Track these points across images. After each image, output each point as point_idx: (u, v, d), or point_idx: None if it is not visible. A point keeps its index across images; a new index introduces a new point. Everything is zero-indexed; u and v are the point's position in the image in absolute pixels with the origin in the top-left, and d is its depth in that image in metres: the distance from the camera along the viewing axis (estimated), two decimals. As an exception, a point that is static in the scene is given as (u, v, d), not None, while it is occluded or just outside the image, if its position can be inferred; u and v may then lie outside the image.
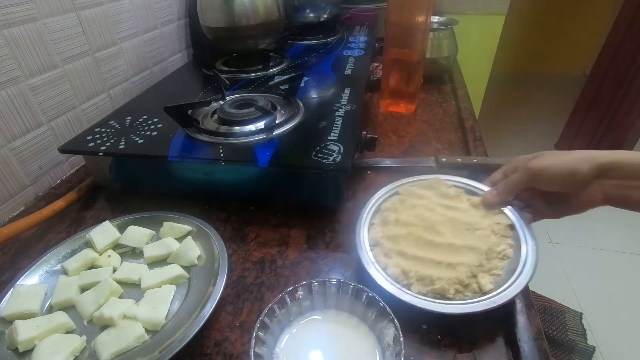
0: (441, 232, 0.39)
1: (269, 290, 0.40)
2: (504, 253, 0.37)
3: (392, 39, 0.67)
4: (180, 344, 0.31)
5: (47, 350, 0.32)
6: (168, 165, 0.51)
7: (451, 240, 0.38)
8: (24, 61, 0.53)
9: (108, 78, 0.70)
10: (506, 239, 0.38)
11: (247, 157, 0.47)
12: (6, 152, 0.52)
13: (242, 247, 0.45)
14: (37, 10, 0.54)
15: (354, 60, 0.77)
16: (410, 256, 0.37)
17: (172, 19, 0.87)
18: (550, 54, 2.89)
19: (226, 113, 0.55)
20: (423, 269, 0.36)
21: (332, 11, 0.97)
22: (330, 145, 0.48)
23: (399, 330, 0.29)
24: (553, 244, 1.59)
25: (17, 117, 0.53)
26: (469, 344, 0.34)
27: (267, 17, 0.73)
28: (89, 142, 0.52)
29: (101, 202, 0.54)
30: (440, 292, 0.34)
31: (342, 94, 0.62)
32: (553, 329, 0.94)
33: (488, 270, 0.36)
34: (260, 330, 0.30)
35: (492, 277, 0.35)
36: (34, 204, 0.55)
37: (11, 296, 0.37)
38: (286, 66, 0.78)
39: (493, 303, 0.32)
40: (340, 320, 0.34)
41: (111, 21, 0.69)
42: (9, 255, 0.46)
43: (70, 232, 0.49)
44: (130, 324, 0.34)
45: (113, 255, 0.43)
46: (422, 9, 0.62)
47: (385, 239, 0.39)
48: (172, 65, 0.89)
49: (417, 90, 0.72)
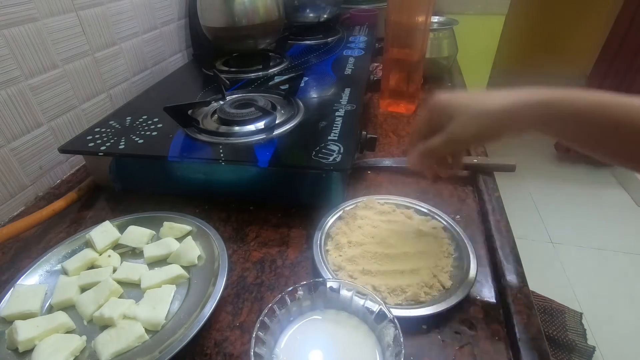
0: (392, 244, 0.42)
1: (269, 290, 0.40)
2: (448, 251, 0.41)
3: (392, 39, 0.67)
4: (180, 344, 0.31)
5: (47, 350, 0.32)
6: (168, 165, 0.51)
7: (404, 249, 0.41)
8: (24, 61, 0.53)
9: (108, 78, 0.70)
10: (444, 239, 0.43)
11: (247, 157, 0.47)
12: (6, 152, 0.52)
13: (242, 247, 0.45)
14: (37, 10, 0.54)
15: (354, 60, 0.77)
16: (375, 272, 0.39)
17: (172, 19, 0.87)
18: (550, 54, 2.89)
19: (226, 113, 0.55)
20: (391, 281, 0.38)
21: (332, 11, 0.97)
22: (330, 145, 0.48)
23: (399, 330, 0.29)
24: (553, 244, 1.59)
25: (17, 117, 0.53)
26: (469, 344, 0.34)
27: (267, 17, 0.73)
28: (89, 142, 0.52)
29: (101, 202, 0.54)
30: (413, 298, 0.37)
31: (342, 94, 0.62)
32: (553, 329, 0.94)
33: (442, 268, 0.39)
34: (260, 330, 0.30)
35: (447, 274, 0.39)
36: (34, 204, 0.55)
37: (11, 296, 0.37)
38: (286, 66, 0.78)
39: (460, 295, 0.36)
40: (340, 320, 0.34)
41: (111, 21, 0.69)
42: (9, 255, 0.46)
43: (70, 232, 0.49)
44: (130, 324, 0.34)
45: (113, 255, 0.43)
46: (422, 9, 0.62)
47: (346, 261, 0.40)
48: (172, 65, 0.89)
49: (417, 90, 0.72)
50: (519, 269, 0.39)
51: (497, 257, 0.41)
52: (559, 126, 0.32)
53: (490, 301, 0.38)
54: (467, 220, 0.47)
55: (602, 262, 1.49)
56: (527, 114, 0.32)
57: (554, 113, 0.31)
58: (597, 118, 0.30)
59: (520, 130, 0.33)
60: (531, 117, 0.32)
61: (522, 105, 0.32)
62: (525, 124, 0.32)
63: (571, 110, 0.30)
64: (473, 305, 0.37)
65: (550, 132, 0.33)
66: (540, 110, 0.31)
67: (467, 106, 0.34)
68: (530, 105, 0.32)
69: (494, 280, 0.40)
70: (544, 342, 0.32)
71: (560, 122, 0.31)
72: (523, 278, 0.38)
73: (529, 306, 0.35)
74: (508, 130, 0.33)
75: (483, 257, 0.42)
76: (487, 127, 0.33)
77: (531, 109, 0.32)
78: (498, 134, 0.34)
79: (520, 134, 0.33)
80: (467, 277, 0.37)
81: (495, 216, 0.46)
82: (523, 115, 0.32)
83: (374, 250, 0.41)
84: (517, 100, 0.32)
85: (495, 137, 0.34)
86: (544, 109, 0.31)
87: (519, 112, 0.32)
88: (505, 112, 0.32)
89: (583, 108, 0.30)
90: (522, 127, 0.33)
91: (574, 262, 1.50)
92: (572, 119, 0.31)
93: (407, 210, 0.47)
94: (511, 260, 0.40)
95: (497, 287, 0.39)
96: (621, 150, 0.31)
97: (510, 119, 0.33)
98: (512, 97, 0.32)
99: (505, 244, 0.42)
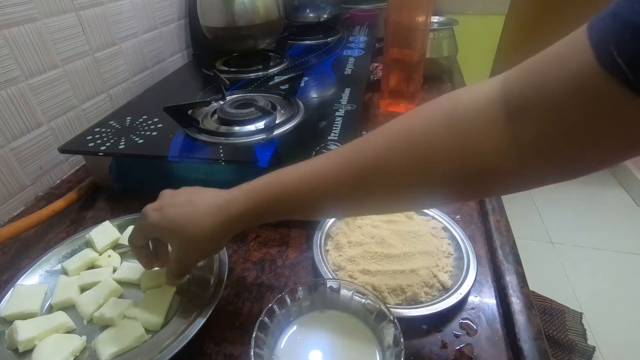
0: (392, 244, 0.42)
1: (269, 290, 0.40)
2: (448, 251, 0.41)
3: (392, 39, 0.67)
4: (180, 344, 0.31)
5: (47, 350, 0.32)
6: (168, 165, 0.51)
7: (404, 249, 0.41)
8: (24, 61, 0.53)
9: (108, 78, 0.70)
10: (444, 239, 0.43)
11: (247, 157, 0.47)
12: (6, 152, 0.52)
13: (242, 247, 0.45)
14: (37, 10, 0.54)
15: (354, 60, 0.77)
16: (375, 272, 0.39)
17: (172, 19, 0.87)
18: (550, 54, 2.88)
19: (226, 113, 0.55)
20: (390, 280, 0.38)
21: (332, 11, 0.97)
22: (330, 145, 0.48)
23: (399, 330, 0.29)
24: (553, 244, 1.59)
25: (17, 117, 0.53)
26: (469, 344, 0.34)
27: (267, 17, 0.73)
28: (89, 142, 0.52)
29: (101, 202, 0.54)
30: (413, 298, 0.37)
31: (342, 94, 0.62)
32: (553, 329, 0.94)
33: (442, 268, 0.39)
34: (260, 330, 0.30)
35: (446, 273, 0.39)
36: (34, 204, 0.55)
37: (11, 296, 0.37)
38: (286, 66, 0.78)
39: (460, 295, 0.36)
40: (340, 320, 0.34)
41: (111, 21, 0.69)
42: (9, 255, 0.46)
43: (70, 232, 0.49)
44: (130, 324, 0.34)
45: (113, 255, 0.43)
46: (422, 9, 0.62)
47: (346, 261, 0.40)
48: (172, 65, 0.89)
49: (417, 90, 0.72)
50: (519, 269, 0.39)
51: (497, 257, 0.41)
52: (270, 217, 0.34)
53: (490, 301, 0.38)
54: (467, 220, 0.47)
55: (602, 262, 1.49)
56: (236, 227, 0.33)
57: (256, 214, 0.33)
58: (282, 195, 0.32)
59: (238, 230, 0.34)
60: (241, 225, 0.33)
61: (229, 222, 0.32)
62: (240, 228, 0.34)
63: (263, 205, 0.32)
64: (473, 305, 0.37)
65: (267, 219, 0.34)
66: (245, 218, 0.33)
67: (176, 233, 0.33)
68: (232, 221, 0.32)
69: (494, 280, 0.40)
70: (544, 342, 0.32)
71: (267, 215, 0.33)
72: (523, 278, 0.38)
73: (529, 306, 0.35)
74: (225, 239, 0.35)
75: (483, 257, 0.42)
76: (208, 249, 0.35)
77: (236, 222, 0.33)
78: (220, 246, 0.37)
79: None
80: (467, 277, 0.37)
81: (495, 216, 0.46)
82: (232, 229, 0.33)
83: (374, 250, 0.41)
84: (221, 221, 0.32)
85: (220, 248, 0.37)
86: (247, 216, 0.32)
87: (229, 227, 0.33)
88: (215, 234, 0.33)
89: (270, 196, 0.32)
90: (236, 231, 0.34)
91: (574, 262, 1.50)
92: (271, 208, 0.32)
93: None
94: (511, 260, 0.40)
95: (497, 287, 0.39)
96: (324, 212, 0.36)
97: (223, 236, 0.34)
98: (215, 217, 0.32)
99: (505, 244, 0.42)
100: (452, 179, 0.26)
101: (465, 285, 0.37)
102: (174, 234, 0.33)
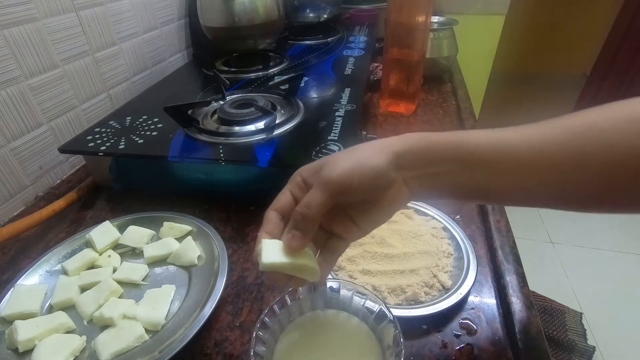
0: (392, 244, 0.42)
1: (269, 290, 0.40)
2: (448, 251, 0.41)
3: (392, 39, 0.67)
4: (180, 344, 0.31)
5: (47, 350, 0.32)
6: (168, 165, 0.51)
7: (404, 249, 0.41)
8: (24, 61, 0.53)
9: (108, 78, 0.70)
10: (444, 239, 0.43)
11: (247, 157, 0.47)
12: (6, 152, 0.52)
13: (242, 247, 0.45)
14: (37, 10, 0.54)
15: (354, 60, 0.77)
16: (375, 272, 0.39)
17: (172, 19, 0.87)
18: (550, 54, 2.89)
19: (226, 113, 0.55)
20: (390, 280, 0.38)
21: (332, 11, 0.97)
22: (330, 145, 0.48)
23: (399, 330, 0.29)
24: (553, 244, 1.59)
25: (17, 117, 0.53)
26: (469, 344, 0.34)
27: (267, 17, 0.73)
28: (89, 142, 0.52)
29: (101, 202, 0.54)
30: (413, 298, 0.37)
31: (342, 94, 0.62)
32: (553, 329, 0.94)
33: (442, 268, 0.39)
34: (260, 330, 0.30)
35: (446, 273, 0.39)
36: (34, 204, 0.55)
37: (11, 296, 0.37)
38: (286, 66, 0.78)
39: (460, 295, 0.36)
40: (340, 320, 0.34)
41: (111, 21, 0.69)
42: (9, 255, 0.46)
43: (70, 232, 0.49)
44: (130, 324, 0.34)
45: (113, 255, 0.43)
46: (422, 9, 0.62)
47: (345, 261, 0.40)
48: (172, 65, 0.89)
49: (417, 90, 0.72)
50: (519, 269, 0.39)
51: (497, 257, 0.41)
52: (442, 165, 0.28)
53: (490, 301, 0.38)
54: (467, 220, 0.47)
55: (602, 262, 1.49)
56: (405, 164, 0.28)
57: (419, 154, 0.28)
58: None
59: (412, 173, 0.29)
60: (413, 163, 0.28)
61: (395, 156, 0.28)
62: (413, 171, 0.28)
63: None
64: (473, 305, 0.37)
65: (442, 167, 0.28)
66: (408, 156, 0.28)
67: (359, 168, 0.27)
68: (399, 155, 0.28)
69: (494, 280, 0.40)
70: (544, 342, 0.32)
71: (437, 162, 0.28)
72: (523, 278, 0.38)
73: (529, 306, 0.35)
74: (399, 171, 0.28)
75: (483, 257, 0.42)
76: (366, 160, 0.28)
77: (403, 157, 0.28)
78: (386, 175, 0.28)
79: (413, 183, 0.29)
80: (467, 277, 0.37)
81: (495, 216, 0.46)
82: (402, 166, 0.28)
83: (374, 250, 0.41)
84: (388, 154, 0.28)
85: (384, 177, 0.28)
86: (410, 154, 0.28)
87: (397, 162, 0.28)
88: (396, 153, 0.28)
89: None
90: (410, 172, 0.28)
91: (574, 262, 1.50)
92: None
93: (407, 210, 0.47)
94: (511, 260, 0.40)
95: (497, 287, 0.39)
96: None
97: (395, 176, 0.28)
98: (382, 154, 0.28)
99: (505, 244, 0.42)
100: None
101: (465, 285, 0.37)
102: (357, 170, 0.27)
